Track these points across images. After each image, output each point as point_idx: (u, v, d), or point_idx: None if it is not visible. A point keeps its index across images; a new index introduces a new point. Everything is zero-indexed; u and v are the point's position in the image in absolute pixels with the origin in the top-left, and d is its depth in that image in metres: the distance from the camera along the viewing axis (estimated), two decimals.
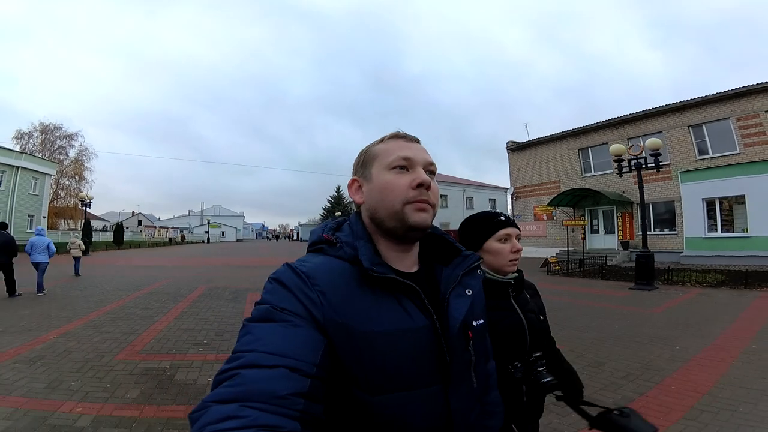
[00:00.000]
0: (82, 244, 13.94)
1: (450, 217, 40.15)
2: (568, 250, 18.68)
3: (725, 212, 16.58)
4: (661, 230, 18.24)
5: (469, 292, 0.87)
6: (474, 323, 0.89)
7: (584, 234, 20.58)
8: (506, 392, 1.24)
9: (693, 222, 17.01)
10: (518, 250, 1.42)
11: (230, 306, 8.04)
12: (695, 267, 13.81)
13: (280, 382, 0.58)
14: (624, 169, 12.01)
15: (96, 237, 39.13)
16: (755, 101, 15.69)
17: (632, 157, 11.72)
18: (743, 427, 2.98)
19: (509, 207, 27.63)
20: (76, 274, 13.20)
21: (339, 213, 48.01)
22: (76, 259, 13.47)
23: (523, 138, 26.20)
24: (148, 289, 10.32)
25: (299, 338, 0.66)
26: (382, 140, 0.90)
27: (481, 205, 42.75)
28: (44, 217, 34.80)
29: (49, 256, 10.18)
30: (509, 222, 1.44)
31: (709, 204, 16.78)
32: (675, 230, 17.73)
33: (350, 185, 0.92)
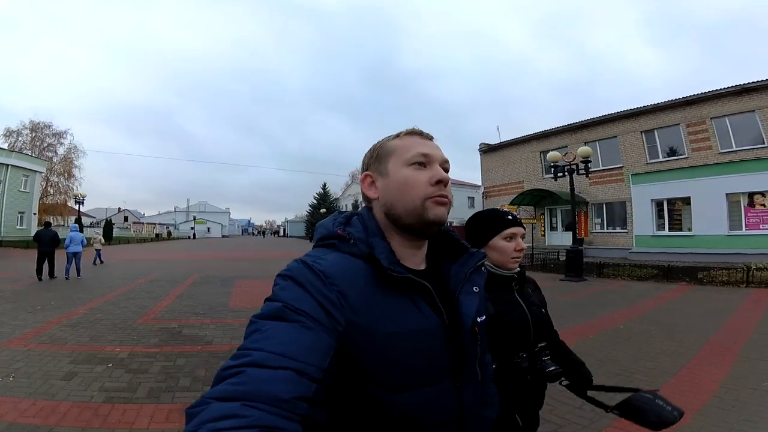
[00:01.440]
0: (102, 238, 17.65)
1: None
2: (532, 246, 20.43)
3: (676, 213, 18.24)
4: (614, 228, 20.10)
5: (476, 289, 0.89)
6: (479, 320, 0.89)
7: (544, 231, 22.42)
8: (511, 383, 1.35)
9: (642, 221, 18.75)
10: (522, 249, 1.46)
11: (220, 290, 9.63)
12: (637, 263, 15.10)
13: (285, 385, 0.57)
14: (559, 174, 13.67)
15: (86, 233, 40.01)
16: (703, 108, 17.24)
17: (566, 163, 13.37)
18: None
19: (482, 206, 29.39)
20: (100, 262, 16.51)
21: (324, 210, 49.13)
22: (98, 251, 16.77)
23: (497, 139, 28.02)
24: (147, 278, 11.81)
25: (309, 341, 0.64)
26: (398, 136, 0.89)
27: (460, 203, 44.33)
28: (34, 214, 35.63)
29: (80, 249, 12.27)
30: (516, 221, 1.50)
31: (658, 204, 18.52)
32: (626, 228, 19.52)
33: (363, 180, 0.90)
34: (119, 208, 79.31)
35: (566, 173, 13.23)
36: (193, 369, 4.24)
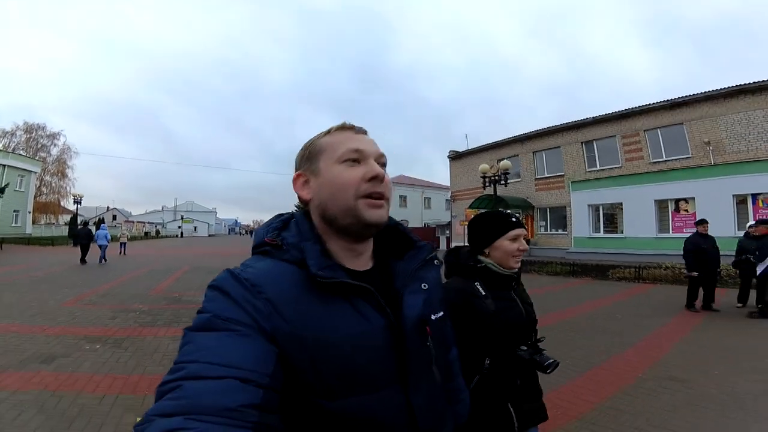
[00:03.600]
0: (128, 234, 21.58)
1: (408, 215, 44.35)
2: None
3: (612, 217, 20.42)
4: (556, 230, 22.67)
5: (425, 286, 0.86)
6: (432, 317, 0.86)
7: None
8: (508, 375, 1.45)
9: (580, 224, 21.13)
10: (524, 249, 1.52)
11: (209, 276, 11.81)
12: (566, 261, 16.76)
13: (230, 395, 0.56)
14: (488, 184, 16.26)
15: (112, 231, 41.93)
16: (637, 121, 18.96)
17: (491, 174, 15.93)
18: None
19: (450, 209, 32.03)
20: (124, 253, 20.32)
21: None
22: (123, 244, 21.24)
23: (467, 146, 30.54)
24: (147, 268, 14.31)
25: (248, 348, 0.63)
26: (328, 132, 0.85)
27: (437, 205, 46.81)
28: (29, 213, 37.31)
29: (107, 242, 16.01)
30: (519, 223, 1.55)
31: (595, 209, 20.89)
32: (566, 231, 21.99)
33: (295, 180, 0.87)
34: (108, 207, 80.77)
35: (490, 183, 15.75)
36: (190, 316, 6.73)
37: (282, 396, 0.65)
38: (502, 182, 15.52)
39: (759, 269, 7.09)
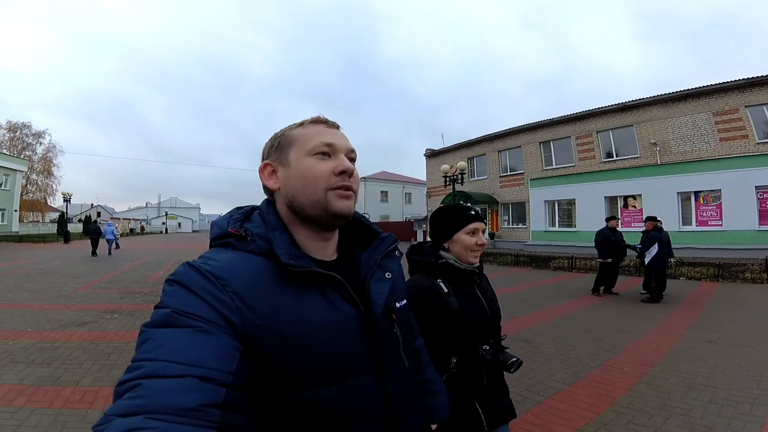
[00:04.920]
0: (121, 230, 22.93)
1: (390, 210, 46.02)
2: None
3: (568, 212, 22.00)
4: (516, 225, 24.54)
5: (388, 275, 0.88)
6: (397, 305, 0.90)
7: None
8: (472, 374, 1.43)
9: (537, 218, 22.90)
10: (483, 244, 1.50)
11: None
12: (521, 252, 18.34)
13: (189, 394, 0.55)
14: (448, 183, 17.81)
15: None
16: (591, 123, 20.50)
17: (451, 174, 17.56)
18: None
19: (427, 203, 33.84)
20: (116, 247, 21.49)
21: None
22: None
23: (443, 144, 32.31)
24: (140, 261, 15.94)
25: (209, 345, 0.62)
26: (301, 124, 0.87)
27: (418, 200, 48.37)
28: (15, 211, 37.92)
29: (114, 236, 18.55)
30: (478, 216, 1.52)
31: (551, 205, 22.63)
32: (525, 225, 23.83)
33: (262, 170, 0.87)
34: (92, 204, 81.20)
35: (451, 182, 17.51)
36: None
37: (252, 392, 0.67)
38: (459, 181, 17.21)
39: (646, 259, 8.30)
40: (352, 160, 0.86)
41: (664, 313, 7.03)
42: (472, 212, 1.53)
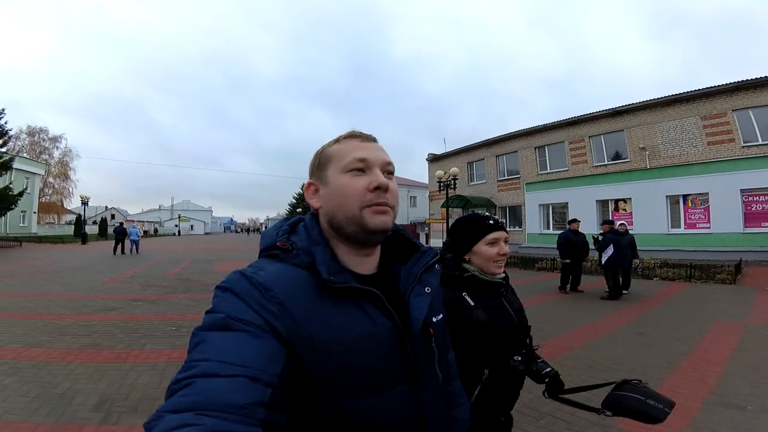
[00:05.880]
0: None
1: None
2: None
3: (561, 215, 22.48)
4: (513, 227, 25.10)
5: (428, 289, 0.88)
6: (434, 319, 0.91)
7: None
8: (503, 386, 1.42)
9: (532, 221, 23.54)
10: (505, 254, 1.47)
11: (207, 266, 14.93)
12: (514, 254, 19.66)
13: (239, 392, 0.58)
14: (442, 188, 18.87)
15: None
16: (583, 128, 21.02)
17: (444, 180, 18.57)
18: None
19: (428, 206, 34.71)
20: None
21: (300, 210, 53.14)
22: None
23: (447, 149, 33.19)
24: (157, 260, 17.11)
25: (259, 348, 0.65)
26: (337, 140, 0.88)
27: (422, 204, 48.97)
28: (34, 213, 39.45)
29: (138, 237, 19.93)
30: (498, 226, 1.49)
31: (545, 208, 23.26)
32: (521, 228, 24.48)
33: (307, 189, 0.90)
34: (106, 207, 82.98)
35: (443, 187, 18.42)
36: (201, 288, 9.44)
37: (291, 396, 0.69)
38: (453, 187, 18.11)
39: (603, 259, 8.97)
40: (389, 173, 0.85)
41: (613, 309, 7.65)
42: (491, 221, 1.50)
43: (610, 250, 8.86)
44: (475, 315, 1.40)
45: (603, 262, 9.03)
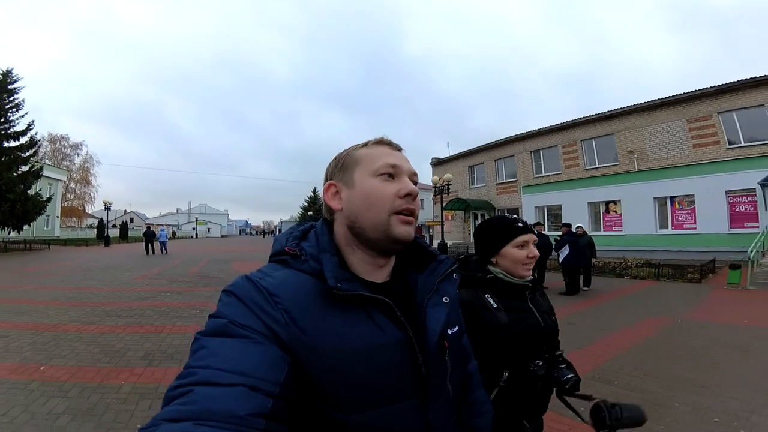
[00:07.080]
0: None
1: None
2: (465, 242, 26.73)
3: (556, 217, 22.39)
4: None
5: (446, 299, 0.86)
6: (449, 332, 0.86)
7: (470, 230, 28.77)
8: (523, 390, 1.38)
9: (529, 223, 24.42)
10: (534, 256, 1.44)
11: (223, 266, 16.38)
12: None
13: (238, 402, 0.56)
14: (437, 192, 19.96)
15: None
16: (575, 132, 21.54)
17: (438, 185, 19.67)
18: None
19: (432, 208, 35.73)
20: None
21: (311, 213, 54.18)
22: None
23: (454, 151, 34.03)
24: (178, 260, 18.68)
25: (261, 356, 0.63)
26: (365, 144, 0.87)
27: (428, 205, 49.91)
28: (58, 217, 41.33)
29: (167, 239, 21.24)
30: (527, 228, 1.47)
31: (540, 210, 23.84)
32: None
33: (326, 190, 0.86)
34: (125, 211, 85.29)
35: (438, 191, 19.61)
36: (219, 282, 10.83)
37: (294, 407, 0.66)
38: (446, 192, 19.30)
39: (560, 258, 9.78)
40: (414, 183, 0.84)
41: (565, 303, 8.27)
42: (520, 224, 1.48)
43: (566, 250, 9.66)
44: (496, 317, 1.39)
45: (561, 261, 9.86)
